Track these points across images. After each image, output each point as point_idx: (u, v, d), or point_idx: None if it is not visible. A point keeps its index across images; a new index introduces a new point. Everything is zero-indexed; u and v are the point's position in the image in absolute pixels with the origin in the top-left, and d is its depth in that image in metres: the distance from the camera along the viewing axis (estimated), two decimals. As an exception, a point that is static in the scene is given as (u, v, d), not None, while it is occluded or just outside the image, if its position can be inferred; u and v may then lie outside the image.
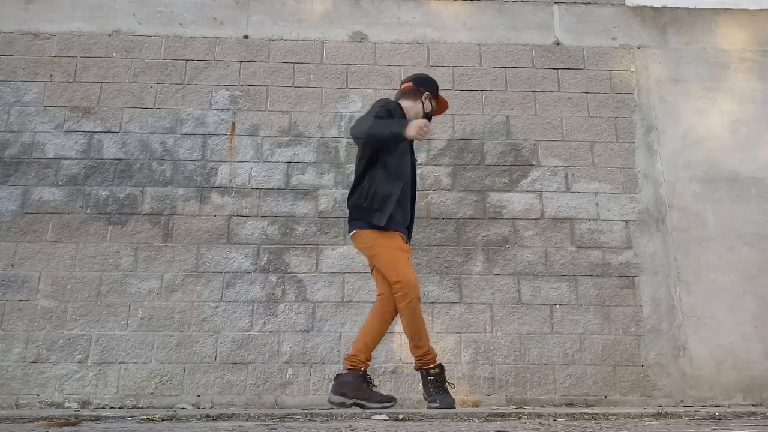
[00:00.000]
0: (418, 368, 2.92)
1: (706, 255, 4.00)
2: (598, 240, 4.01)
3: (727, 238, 4.04)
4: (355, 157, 3.20)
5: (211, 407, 3.50)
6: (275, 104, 4.18)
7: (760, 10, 4.55)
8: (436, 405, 2.81)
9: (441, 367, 2.88)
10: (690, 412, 2.92)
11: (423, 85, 3.22)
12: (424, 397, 2.92)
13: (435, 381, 2.86)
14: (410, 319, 2.85)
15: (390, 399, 2.83)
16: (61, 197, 3.91)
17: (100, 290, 3.76)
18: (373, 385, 2.88)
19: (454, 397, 2.94)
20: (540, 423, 2.37)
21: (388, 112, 2.97)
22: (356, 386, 2.77)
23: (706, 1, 4.56)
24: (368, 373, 2.89)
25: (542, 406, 3.54)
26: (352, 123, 3.13)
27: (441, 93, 3.36)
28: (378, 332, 2.91)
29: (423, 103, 3.18)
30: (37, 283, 3.75)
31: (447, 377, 2.91)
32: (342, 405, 2.73)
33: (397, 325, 3.71)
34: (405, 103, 3.17)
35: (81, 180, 3.95)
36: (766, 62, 4.42)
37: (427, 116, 3.18)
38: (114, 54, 4.21)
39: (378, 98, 3.73)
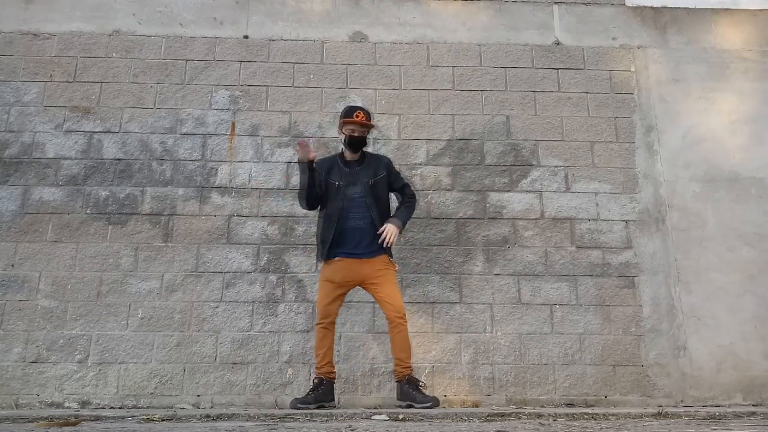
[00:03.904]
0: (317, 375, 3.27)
1: (706, 255, 4.00)
2: (598, 240, 4.00)
3: (727, 238, 4.03)
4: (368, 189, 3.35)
5: (211, 407, 3.50)
6: (275, 104, 4.18)
7: (760, 10, 4.55)
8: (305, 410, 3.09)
9: (316, 380, 3.23)
10: (690, 412, 2.92)
11: (340, 118, 3.44)
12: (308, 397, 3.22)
13: (314, 389, 3.20)
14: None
15: (431, 399, 3.07)
16: (61, 197, 3.91)
17: (100, 290, 3.76)
18: (423, 387, 3.18)
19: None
20: (540, 423, 2.37)
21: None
22: (405, 391, 3.14)
23: (706, 1, 4.56)
24: (415, 377, 3.21)
25: (542, 406, 3.54)
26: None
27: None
28: (400, 343, 3.18)
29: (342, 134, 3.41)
30: (37, 283, 3.74)
31: (319, 396, 3.17)
32: (401, 406, 3.11)
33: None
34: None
35: (81, 180, 3.95)
36: (766, 62, 4.42)
37: (348, 142, 3.37)
38: (114, 54, 4.21)
39: (378, 99, 4.21)
